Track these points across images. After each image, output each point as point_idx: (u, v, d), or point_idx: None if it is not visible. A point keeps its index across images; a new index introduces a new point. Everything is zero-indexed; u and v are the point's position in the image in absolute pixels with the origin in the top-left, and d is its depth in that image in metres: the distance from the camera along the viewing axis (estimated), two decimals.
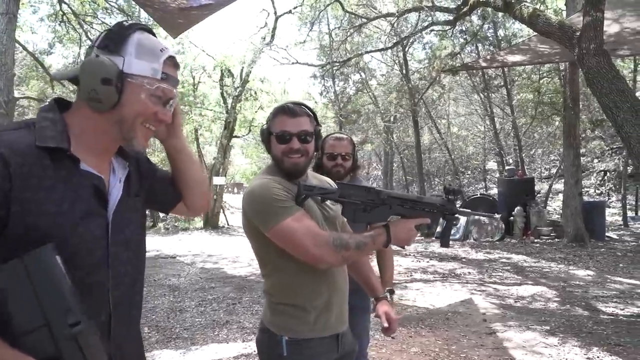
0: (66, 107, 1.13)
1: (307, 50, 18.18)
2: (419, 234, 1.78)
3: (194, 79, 18.85)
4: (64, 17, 12.95)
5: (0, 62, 9.78)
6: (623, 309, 5.42)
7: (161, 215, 18.25)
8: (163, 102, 1.15)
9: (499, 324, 4.97)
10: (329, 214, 1.79)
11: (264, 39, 15.51)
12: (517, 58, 11.07)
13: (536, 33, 8.90)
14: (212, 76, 18.14)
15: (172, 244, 12.32)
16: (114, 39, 1.09)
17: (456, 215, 1.75)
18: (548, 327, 4.78)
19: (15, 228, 0.95)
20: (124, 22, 1.14)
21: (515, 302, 5.99)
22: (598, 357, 3.94)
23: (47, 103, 1.13)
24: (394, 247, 2.04)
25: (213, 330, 4.96)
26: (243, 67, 16.53)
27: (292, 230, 1.53)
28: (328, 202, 1.79)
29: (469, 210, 2.04)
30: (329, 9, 14.58)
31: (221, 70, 16.95)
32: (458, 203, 1.81)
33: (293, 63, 13.81)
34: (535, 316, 5.23)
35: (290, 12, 14.83)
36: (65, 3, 12.61)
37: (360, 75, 20.01)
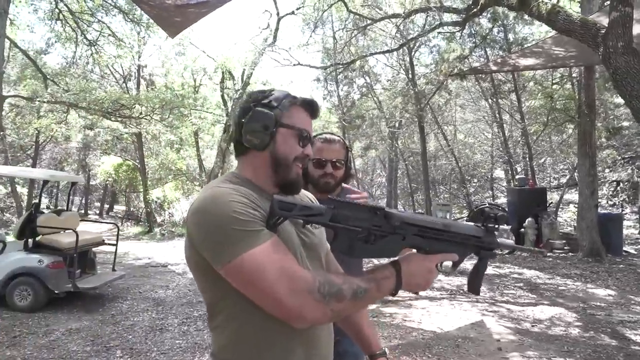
0: None
1: (310, 53, 17.74)
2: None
3: (194, 80, 18.45)
4: (61, 16, 12.57)
5: None
6: None
7: (158, 219, 17.80)
8: None
9: (516, 355, 4.40)
10: (309, 240, 1.26)
11: (266, 40, 15.05)
12: (530, 62, 10.52)
13: (550, 35, 8.41)
14: (212, 78, 17.72)
15: (165, 251, 11.80)
16: None
17: (495, 252, 1.23)
18: None
19: None
20: None
21: (533, 326, 5.41)
22: None
23: None
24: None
25: (193, 356, 4.41)
26: (244, 69, 16.07)
27: (259, 267, 1.02)
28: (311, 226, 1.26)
29: (513, 243, 1.50)
30: (333, 11, 14.11)
31: (222, 72, 16.51)
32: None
33: (295, 64, 13.30)
34: (557, 345, 4.65)
35: (292, 12, 14.39)
36: (61, 1, 12.22)
37: (365, 80, 19.50)
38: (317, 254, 1.28)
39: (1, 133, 14.27)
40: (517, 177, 14.08)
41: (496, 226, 1.26)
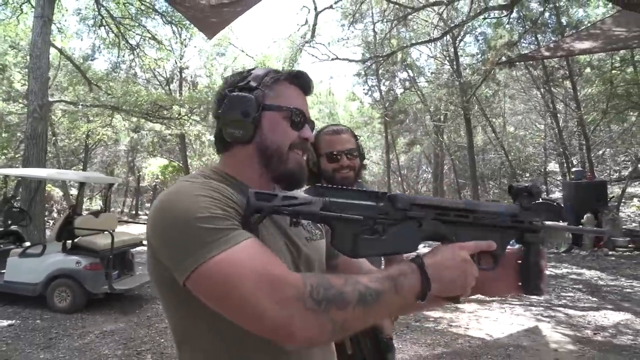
0: None
1: (350, 47, 17.36)
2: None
3: None
4: (103, 22, 12.90)
5: (35, 66, 9.72)
6: None
7: None
8: None
9: None
10: (303, 252, 0.99)
11: (304, 36, 14.86)
12: (586, 45, 9.72)
13: (610, 15, 7.68)
14: None
15: None
16: None
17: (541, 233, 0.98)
18: None
19: None
20: None
21: (595, 334, 4.86)
22: None
23: None
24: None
25: None
26: (284, 67, 15.96)
27: (233, 273, 0.76)
28: (303, 228, 1.03)
29: (563, 226, 1.21)
30: (372, 2, 13.70)
31: None
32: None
33: (333, 59, 13.01)
34: (625, 357, 4.13)
35: (331, 7, 14.07)
36: (103, 7, 12.53)
37: (408, 73, 18.94)
38: (312, 268, 0.99)
39: (53, 138, 14.92)
40: (573, 170, 13.15)
41: (534, 202, 0.98)
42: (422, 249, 0.90)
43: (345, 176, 1.71)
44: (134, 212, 26.80)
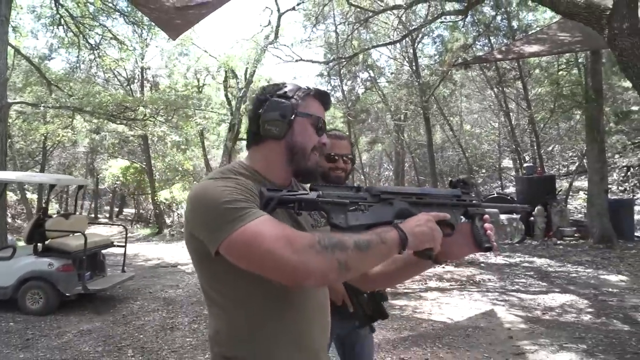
0: None
1: (313, 48, 17.67)
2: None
3: (198, 80, 18.48)
4: (62, 21, 12.62)
5: None
6: None
7: (167, 220, 17.90)
8: None
9: (527, 342, 4.36)
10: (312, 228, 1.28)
11: (268, 37, 15.02)
12: (535, 48, 10.37)
13: (555, 21, 8.29)
14: (216, 78, 17.74)
15: (175, 252, 11.86)
16: None
17: (478, 209, 1.28)
18: (585, 346, 4.16)
19: None
20: None
21: (543, 314, 5.36)
22: None
23: None
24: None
25: (204, 353, 4.43)
26: (247, 68, 16.06)
27: (256, 235, 0.99)
28: (306, 217, 1.29)
29: (494, 204, 1.53)
30: (334, 4, 14.02)
31: (225, 71, 16.52)
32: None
33: (297, 60, 13.25)
34: (569, 332, 4.61)
35: (293, 9, 14.32)
36: (62, 6, 12.26)
37: (369, 73, 19.40)
38: None
39: (9, 140, 14.40)
40: (524, 165, 13.96)
41: (468, 190, 1.30)
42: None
43: (338, 175, 2.01)
44: (92, 215, 26.12)
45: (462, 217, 1.28)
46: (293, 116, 1.18)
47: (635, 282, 6.67)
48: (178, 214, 18.85)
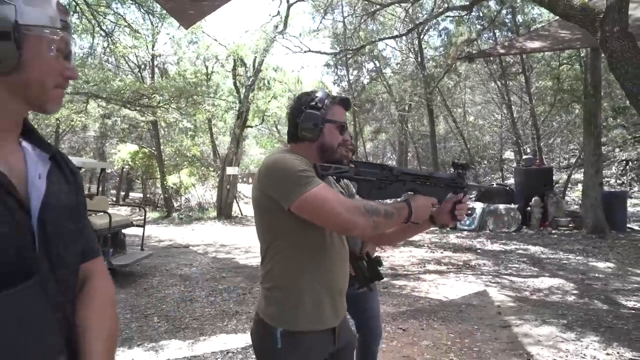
0: None
1: (320, 38, 17.92)
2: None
3: (207, 68, 18.83)
4: (77, 8, 12.98)
5: None
6: None
7: (175, 204, 18.40)
8: (65, 55, 0.95)
9: (513, 317, 4.82)
10: (344, 194, 1.77)
11: (277, 27, 15.35)
12: (537, 44, 10.72)
13: (556, 18, 8.61)
14: (225, 66, 18.08)
15: (185, 234, 12.36)
16: None
17: (466, 190, 1.76)
18: (565, 321, 4.62)
19: None
20: None
21: (532, 294, 5.82)
22: (618, 352, 3.79)
23: None
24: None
25: (222, 321, 4.92)
26: (256, 57, 16.41)
27: (323, 197, 1.44)
28: (340, 184, 1.78)
29: (478, 184, 2.02)
30: None
31: (234, 60, 16.86)
32: (473, 194, 1.75)
33: (306, 51, 13.62)
34: (552, 310, 5.07)
35: None
36: None
37: (374, 64, 19.71)
38: None
39: None
40: (524, 157, 14.33)
41: (464, 171, 1.76)
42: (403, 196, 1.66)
43: (345, 155, 2.48)
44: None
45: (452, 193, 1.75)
46: (323, 124, 1.60)
47: (621, 269, 7.11)
48: (186, 197, 19.34)
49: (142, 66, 17.51)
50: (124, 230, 7.43)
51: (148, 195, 23.25)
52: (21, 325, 0.80)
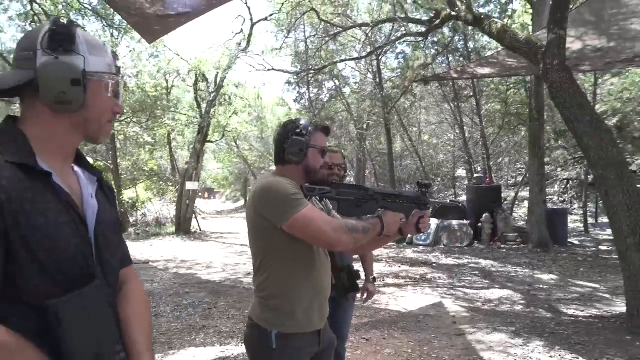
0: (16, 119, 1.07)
1: (282, 56, 18.29)
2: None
3: (167, 82, 18.71)
4: (35, 18, 12.70)
5: None
6: (583, 311, 5.73)
7: (131, 219, 18.00)
8: (115, 94, 1.14)
9: (467, 326, 5.18)
10: (324, 211, 2.00)
11: (240, 44, 15.56)
12: (486, 70, 11.46)
13: (504, 47, 9.33)
14: (186, 80, 18.04)
15: (143, 250, 12.16)
16: (65, 38, 1.03)
17: (429, 206, 2.03)
18: (514, 329, 5.02)
19: (14, 240, 0.93)
20: (60, 19, 1.06)
21: (483, 305, 6.24)
22: (560, 355, 4.19)
23: (4, 120, 1.07)
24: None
25: (190, 335, 4.99)
26: (218, 72, 16.51)
27: (311, 218, 1.67)
28: (322, 203, 2.05)
29: (440, 201, 2.30)
30: (305, 17, 14.77)
31: (195, 75, 16.88)
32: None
33: (269, 70, 13.91)
34: (502, 318, 5.48)
35: (266, 19, 14.95)
36: (36, 3, 12.38)
37: (334, 83, 20.27)
38: None
39: None
40: (475, 176, 15.10)
41: (427, 190, 2.04)
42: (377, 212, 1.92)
43: (334, 179, 2.70)
44: None
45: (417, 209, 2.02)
46: (307, 149, 1.84)
47: (562, 280, 7.70)
48: (142, 212, 18.94)
49: None
50: None
51: None
52: (95, 317, 0.99)
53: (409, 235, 2.17)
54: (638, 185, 5.01)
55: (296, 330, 1.77)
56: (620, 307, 5.66)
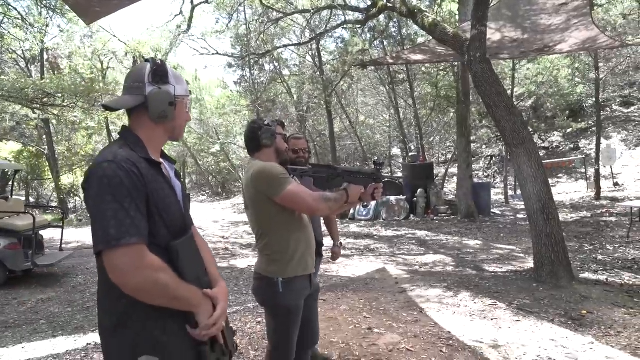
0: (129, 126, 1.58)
1: (222, 38, 18.28)
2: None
3: (101, 64, 18.16)
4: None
5: None
6: (501, 268, 6.81)
7: (70, 206, 17.54)
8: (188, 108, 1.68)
9: (408, 285, 6.04)
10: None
11: (179, 27, 15.46)
12: (419, 57, 12.38)
13: None
14: (123, 62, 17.60)
15: (89, 235, 12.10)
16: (162, 74, 1.54)
17: (381, 180, 2.64)
18: (446, 284, 5.93)
19: (150, 204, 1.43)
20: (158, 60, 1.57)
21: (420, 268, 7.18)
22: (482, 301, 5.12)
23: (122, 129, 1.57)
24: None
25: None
26: (157, 55, 16.29)
27: (297, 192, 2.26)
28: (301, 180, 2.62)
29: (390, 176, 2.99)
30: (246, 2, 14.95)
31: (134, 57, 16.57)
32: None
33: (213, 54, 14.04)
34: (436, 277, 6.40)
35: (207, 1, 14.92)
36: None
37: (274, 65, 20.58)
38: None
39: None
40: (410, 154, 16.24)
41: (381, 167, 2.63)
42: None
43: (300, 160, 3.26)
44: None
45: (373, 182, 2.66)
46: (275, 135, 2.45)
47: (485, 245, 8.87)
48: (80, 198, 18.46)
49: (29, 60, 16.36)
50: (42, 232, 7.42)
51: (38, 198, 21.62)
52: (194, 256, 1.56)
53: (354, 209, 2.82)
54: (544, 161, 6.03)
55: (295, 273, 2.39)
56: (530, 263, 6.77)
